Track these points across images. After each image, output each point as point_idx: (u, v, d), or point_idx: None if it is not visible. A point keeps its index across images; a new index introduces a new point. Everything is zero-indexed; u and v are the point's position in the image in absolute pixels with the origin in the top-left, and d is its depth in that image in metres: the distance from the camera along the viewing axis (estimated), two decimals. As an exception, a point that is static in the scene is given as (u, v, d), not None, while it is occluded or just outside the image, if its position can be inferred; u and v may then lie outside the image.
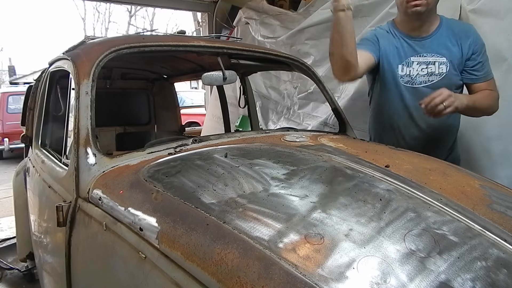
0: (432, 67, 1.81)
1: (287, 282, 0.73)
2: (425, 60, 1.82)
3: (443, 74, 1.79)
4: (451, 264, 0.80)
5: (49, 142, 2.16)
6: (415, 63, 1.83)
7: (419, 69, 1.82)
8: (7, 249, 3.38)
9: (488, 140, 2.28)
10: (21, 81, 18.23)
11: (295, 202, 0.99)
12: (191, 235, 0.91)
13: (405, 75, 1.85)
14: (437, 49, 1.80)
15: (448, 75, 1.79)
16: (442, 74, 1.79)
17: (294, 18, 3.66)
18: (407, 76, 1.85)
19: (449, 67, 1.78)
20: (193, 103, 10.31)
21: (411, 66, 1.83)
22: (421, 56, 1.83)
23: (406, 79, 1.85)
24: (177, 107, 3.91)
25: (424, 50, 1.82)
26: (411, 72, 1.84)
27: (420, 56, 1.83)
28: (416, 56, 1.83)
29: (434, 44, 1.81)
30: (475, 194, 1.14)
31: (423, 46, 1.83)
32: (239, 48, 2.01)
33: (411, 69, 1.83)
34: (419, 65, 1.82)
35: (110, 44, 1.64)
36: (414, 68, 1.83)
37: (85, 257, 1.33)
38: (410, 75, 1.84)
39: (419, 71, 1.82)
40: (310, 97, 3.55)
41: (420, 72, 1.82)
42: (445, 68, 1.79)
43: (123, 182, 1.25)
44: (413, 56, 1.84)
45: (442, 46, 1.80)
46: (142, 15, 28.78)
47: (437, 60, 1.80)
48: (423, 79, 1.83)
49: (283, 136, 1.65)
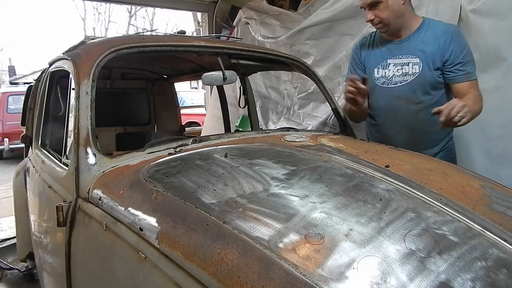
0: (406, 67, 1.89)
1: (287, 282, 0.73)
2: (400, 62, 1.91)
3: (416, 73, 1.86)
4: (451, 264, 0.80)
5: (49, 142, 2.16)
6: (391, 64, 1.93)
7: (395, 70, 1.92)
8: (7, 249, 3.38)
9: (488, 140, 2.28)
10: (21, 81, 18.22)
11: (295, 202, 0.99)
12: (191, 235, 0.91)
13: (381, 77, 1.96)
14: (412, 51, 1.88)
15: (421, 75, 1.85)
16: (415, 73, 1.86)
17: (294, 18, 3.66)
18: (382, 78, 1.96)
19: (422, 66, 1.84)
20: (193, 103, 10.30)
21: (387, 68, 1.94)
22: (397, 58, 1.92)
23: (382, 80, 1.96)
24: (177, 107, 3.91)
25: (400, 52, 1.91)
26: (387, 73, 1.94)
27: (396, 58, 1.92)
28: (392, 58, 1.93)
29: (410, 46, 1.89)
30: (475, 194, 1.14)
31: (400, 48, 1.92)
32: (239, 48, 2.01)
33: (387, 70, 1.94)
34: (395, 66, 1.92)
35: (110, 44, 1.64)
36: (390, 69, 1.93)
37: (85, 257, 1.33)
38: (385, 76, 1.95)
39: (395, 72, 1.92)
40: (310, 97, 3.55)
41: (396, 72, 1.92)
42: (418, 68, 1.86)
43: (123, 182, 1.25)
44: (390, 59, 1.94)
45: (417, 47, 1.87)
46: (142, 15, 28.83)
47: (411, 61, 1.88)
48: (398, 79, 1.91)
49: (283, 136, 1.65)
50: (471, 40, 2.24)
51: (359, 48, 2.09)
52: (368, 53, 2.03)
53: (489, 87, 2.21)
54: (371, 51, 2.02)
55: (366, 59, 2.04)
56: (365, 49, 2.05)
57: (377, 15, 1.86)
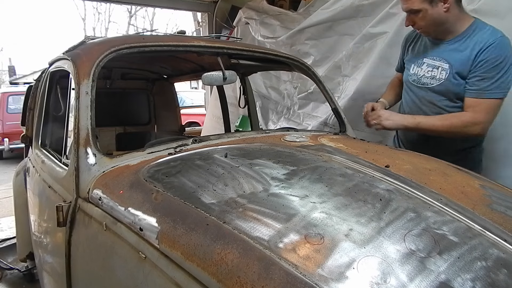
0: (435, 71, 1.85)
1: (287, 282, 0.73)
2: (433, 63, 1.86)
3: (442, 80, 1.82)
4: (451, 264, 0.80)
5: (49, 142, 2.16)
6: (425, 64, 1.90)
7: (426, 71, 1.89)
8: (7, 249, 3.38)
9: (489, 140, 2.28)
10: (21, 81, 18.23)
11: (295, 202, 0.99)
12: (191, 235, 0.91)
13: (413, 74, 1.95)
14: (445, 55, 1.82)
15: (445, 82, 1.81)
16: (441, 79, 1.82)
17: (294, 18, 3.66)
18: (414, 75, 1.95)
19: (449, 74, 1.79)
20: (193, 103, 10.30)
21: (421, 67, 1.92)
22: (431, 59, 1.88)
23: (413, 77, 1.96)
24: (177, 107, 3.91)
25: (436, 53, 1.87)
26: (419, 72, 1.93)
27: (431, 58, 1.88)
28: (428, 58, 1.89)
29: (446, 50, 1.83)
30: (475, 194, 1.14)
31: (438, 49, 1.86)
32: (239, 48, 2.01)
33: (420, 69, 1.92)
34: (428, 66, 1.88)
35: (110, 44, 1.64)
36: (423, 68, 1.90)
37: (85, 257, 1.33)
38: (417, 75, 1.94)
39: (425, 72, 1.89)
40: (310, 97, 3.55)
41: (426, 73, 1.89)
42: (445, 75, 1.81)
43: (123, 182, 1.25)
44: (426, 58, 1.90)
45: (451, 53, 1.80)
46: (142, 15, 28.86)
47: (441, 65, 1.83)
48: (426, 81, 1.89)
49: (283, 136, 1.65)
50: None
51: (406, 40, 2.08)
52: (411, 46, 2.02)
53: (489, 87, 2.21)
54: (414, 44, 2.00)
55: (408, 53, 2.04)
56: (410, 42, 2.04)
57: (416, 22, 1.81)
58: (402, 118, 1.89)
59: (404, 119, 1.87)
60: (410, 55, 2.02)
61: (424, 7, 1.73)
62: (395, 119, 1.87)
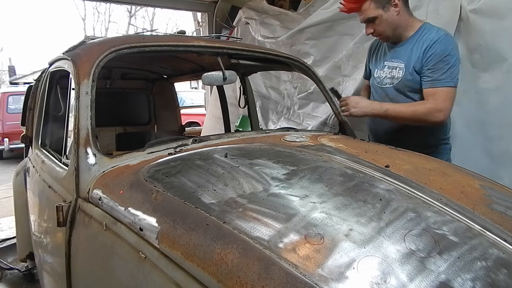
0: (394, 71, 2.02)
1: (287, 282, 0.73)
2: (392, 65, 2.04)
3: (399, 78, 1.98)
4: (451, 264, 0.80)
5: (49, 142, 2.16)
6: (386, 67, 2.06)
7: (387, 72, 2.06)
8: (7, 249, 3.38)
9: (489, 140, 2.28)
10: (21, 81, 18.22)
11: (295, 202, 0.99)
12: (191, 235, 0.91)
13: (377, 77, 2.12)
14: (400, 56, 1.99)
15: (402, 80, 1.97)
16: (399, 78, 1.99)
17: (294, 18, 3.66)
18: (378, 78, 2.11)
19: (404, 72, 1.96)
20: (193, 103, 10.30)
21: (383, 69, 2.08)
22: (390, 61, 2.05)
23: (378, 80, 2.11)
24: (177, 107, 3.91)
25: (394, 56, 2.04)
26: (381, 74, 2.09)
27: (390, 61, 2.05)
28: (388, 61, 2.07)
29: (401, 52, 2.00)
30: (475, 194, 1.14)
31: (394, 52, 2.04)
32: (239, 48, 2.01)
33: (382, 71, 2.09)
34: (388, 68, 2.05)
35: (110, 44, 1.64)
36: (384, 71, 2.07)
37: (85, 257, 1.33)
38: (380, 77, 2.10)
39: (387, 73, 2.06)
40: (310, 97, 3.55)
41: (387, 74, 2.05)
42: (401, 73, 1.97)
43: (123, 182, 1.25)
44: (386, 61, 2.08)
45: (405, 53, 1.97)
46: (142, 15, 28.84)
47: (398, 66, 2.00)
48: (388, 81, 2.06)
49: (283, 136, 1.65)
50: (471, 40, 2.25)
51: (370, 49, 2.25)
52: (374, 53, 2.20)
53: (490, 87, 2.21)
54: (377, 51, 2.18)
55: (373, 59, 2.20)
56: (373, 50, 2.21)
57: (375, 29, 1.97)
58: (370, 104, 1.99)
59: (371, 106, 1.97)
60: (373, 62, 2.18)
61: (379, 13, 1.92)
62: (362, 107, 1.97)
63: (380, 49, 2.15)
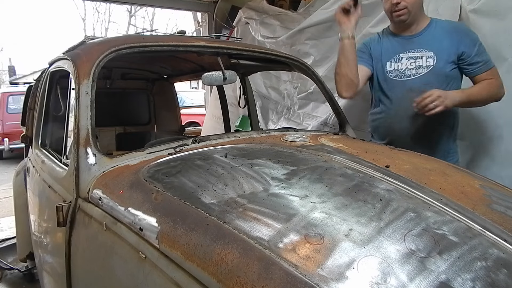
0: (419, 61, 1.96)
1: (287, 282, 0.73)
2: (413, 55, 1.97)
3: (431, 66, 1.93)
4: (451, 264, 0.80)
5: (49, 142, 2.16)
6: (404, 58, 1.99)
7: (407, 64, 1.99)
8: (7, 249, 3.38)
9: (489, 140, 2.28)
10: (21, 81, 18.21)
11: (295, 202, 0.99)
12: (191, 235, 0.91)
13: (394, 70, 2.02)
14: (425, 45, 1.96)
15: (435, 68, 1.93)
16: (430, 66, 1.94)
17: (294, 18, 3.66)
18: (395, 71, 2.02)
19: (437, 59, 1.92)
20: (193, 103, 10.30)
21: (400, 61, 2.01)
22: (409, 52, 1.99)
23: (395, 73, 2.02)
24: (177, 107, 3.91)
25: (412, 46, 1.99)
26: (400, 66, 2.01)
27: (409, 52, 1.99)
28: (404, 52, 2.00)
29: (422, 41, 1.97)
30: (475, 194, 1.14)
31: (412, 43, 1.99)
32: (239, 48, 2.01)
33: (400, 64, 2.01)
34: (408, 60, 1.98)
35: (110, 44, 1.64)
36: (403, 63, 2.00)
37: (85, 257, 1.33)
38: (398, 70, 2.01)
39: (408, 65, 1.98)
40: (310, 97, 3.55)
41: (409, 66, 1.98)
42: (432, 62, 1.93)
43: (123, 182, 1.25)
44: (402, 53, 2.01)
45: (430, 42, 1.95)
46: (142, 15, 28.84)
47: (424, 55, 1.95)
48: (411, 72, 1.98)
49: (283, 136, 1.65)
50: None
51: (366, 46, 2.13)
52: (377, 48, 2.09)
53: (490, 87, 2.21)
54: (381, 45, 2.09)
55: (376, 53, 2.09)
56: (374, 44, 2.12)
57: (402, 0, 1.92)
58: (455, 93, 1.88)
59: (457, 94, 1.87)
60: (377, 57, 2.08)
61: None
62: (451, 97, 1.82)
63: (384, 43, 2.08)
